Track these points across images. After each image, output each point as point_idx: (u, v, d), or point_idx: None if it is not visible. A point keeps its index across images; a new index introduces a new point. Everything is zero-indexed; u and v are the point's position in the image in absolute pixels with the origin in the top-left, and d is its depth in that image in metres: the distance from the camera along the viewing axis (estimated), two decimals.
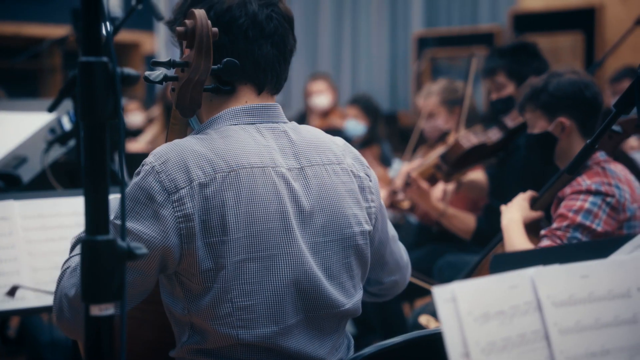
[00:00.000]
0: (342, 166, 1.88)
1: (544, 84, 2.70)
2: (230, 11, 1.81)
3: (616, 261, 1.35)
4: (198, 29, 1.68)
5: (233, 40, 1.81)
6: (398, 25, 13.43)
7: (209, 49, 1.69)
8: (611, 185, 2.50)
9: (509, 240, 2.53)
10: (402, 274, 2.15)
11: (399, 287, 2.16)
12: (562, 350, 1.26)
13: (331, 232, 1.83)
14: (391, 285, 2.13)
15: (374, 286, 2.12)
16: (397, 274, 2.12)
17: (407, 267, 2.16)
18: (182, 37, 1.71)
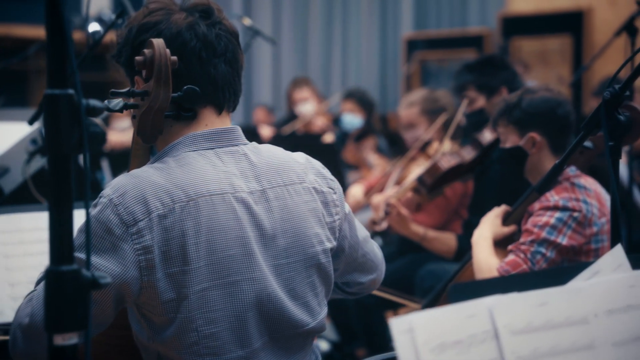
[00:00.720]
0: (304, 185, 1.90)
1: (518, 100, 2.75)
2: (180, 35, 1.80)
3: (574, 288, 1.38)
4: (157, 58, 1.68)
5: (187, 64, 1.81)
6: (388, 28, 13.47)
7: (167, 77, 1.70)
8: (579, 200, 2.55)
9: (476, 257, 2.57)
10: (379, 271, 2.17)
11: (377, 282, 2.20)
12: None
13: (294, 253, 1.85)
14: (370, 283, 2.15)
15: (354, 287, 2.14)
16: (375, 273, 2.15)
17: (382, 262, 2.18)
18: (141, 66, 1.72)
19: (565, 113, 2.72)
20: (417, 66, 12.75)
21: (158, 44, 1.69)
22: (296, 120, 6.94)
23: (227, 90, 1.87)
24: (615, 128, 1.83)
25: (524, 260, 2.49)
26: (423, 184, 3.53)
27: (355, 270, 2.08)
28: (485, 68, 3.61)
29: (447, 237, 3.67)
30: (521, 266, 2.47)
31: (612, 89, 1.82)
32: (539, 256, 2.49)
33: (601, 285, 1.41)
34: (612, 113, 1.83)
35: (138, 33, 1.84)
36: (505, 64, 3.68)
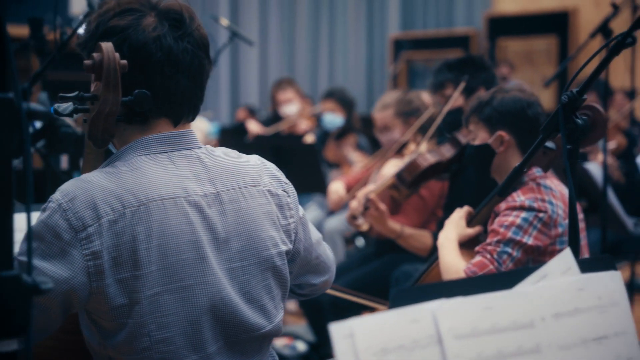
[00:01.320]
0: (259, 188, 1.89)
1: (490, 99, 2.76)
2: (146, 47, 1.78)
3: (521, 292, 1.38)
4: (105, 62, 1.67)
5: (149, 77, 1.78)
6: (374, 28, 13.48)
7: (117, 81, 1.69)
8: (544, 201, 2.56)
9: (442, 259, 2.57)
10: (331, 272, 2.18)
11: (329, 284, 2.20)
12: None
13: (248, 256, 1.84)
14: (322, 284, 2.15)
15: (306, 289, 2.14)
16: (327, 274, 2.16)
17: (333, 264, 2.19)
18: (89, 70, 1.70)
19: (535, 114, 2.73)
20: (403, 66, 12.76)
21: (107, 47, 1.68)
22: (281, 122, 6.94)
23: (185, 106, 1.86)
24: (572, 131, 1.83)
25: (491, 261, 2.49)
26: (402, 180, 3.52)
27: (308, 272, 2.08)
28: (466, 67, 3.61)
29: (423, 234, 3.67)
30: (488, 267, 2.48)
31: (569, 93, 1.82)
32: (506, 256, 2.50)
33: (549, 288, 1.41)
34: (569, 116, 1.83)
35: (104, 34, 1.80)
36: (486, 65, 3.68)
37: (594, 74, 1.87)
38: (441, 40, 12.68)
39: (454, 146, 3.49)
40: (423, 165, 3.43)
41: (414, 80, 13.11)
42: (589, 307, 1.45)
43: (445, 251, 2.59)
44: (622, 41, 1.80)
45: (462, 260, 2.54)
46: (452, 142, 3.51)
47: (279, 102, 7.00)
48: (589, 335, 1.43)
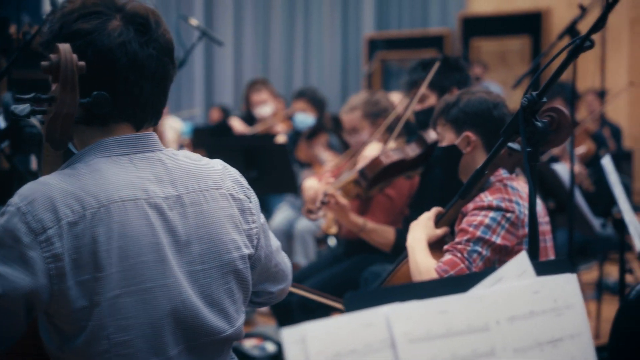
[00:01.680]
0: (221, 191, 1.89)
1: (456, 100, 2.79)
2: (111, 53, 1.76)
3: (476, 295, 1.38)
4: (62, 63, 1.65)
5: (112, 82, 1.77)
6: (349, 28, 13.48)
7: (74, 83, 1.67)
8: (512, 201, 2.58)
9: (413, 259, 2.58)
10: (288, 281, 2.18)
11: (286, 292, 2.20)
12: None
13: (210, 259, 1.84)
14: (279, 292, 2.16)
15: (263, 297, 2.14)
16: (285, 282, 2.16)
17: (290, 272, 2.19)
18: (46, 71, 1.69)
19: (501, 115, 2.75)
20: (378, 66, 12.78)
21: (64, 48, 1.66)
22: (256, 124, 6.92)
23: (149, 111, 1.85)
24: (532, 134, 1.84)
25: (462, 259, 2.50)
26: (364, 176, 3.53)
27: (267, 280, 2.08)
28: (440, 67, 3.62)
29: (386, 229, 3.67)
30: (459, 265, 2.49)
31: (529, 96, 1.83)
32: (475, 255, 2.52)
33: (504, 292, 1.41)
34: (529, 119, 1.84)
35: (69, 37, 1.78)
36: (460, 65, 3.69)
37: (553, 78, 1.88)
38: (415, 40, 12.71)
39: (419, 145, 3.50)
40: (385, 163, 3.44)
41: (389, 80, 13.13)
42: (544, 309, 1.45)
43: (416, 251, 2.60)
44: (580, 45, 1.81)
45: (433, 259, 2.55)
46: (418, 142, 3.52)
47: (253, 103, 6.98)
48: (544, 338, 1.43)
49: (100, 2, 1.82)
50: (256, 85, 7.06)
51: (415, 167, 3.55)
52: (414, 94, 3.65)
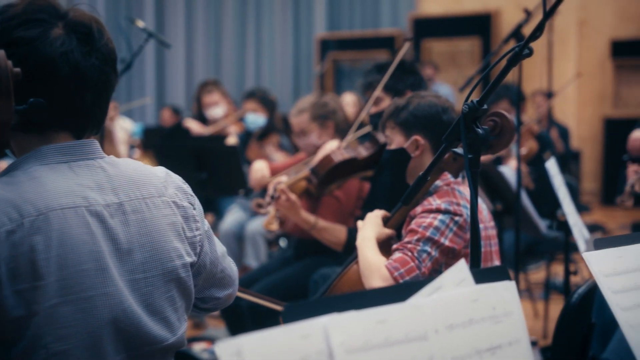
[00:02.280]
0: (163, 199, 1.87)
1: (406, 104, 2.80)
2: (52, 62, 1.73)
3: (414, 304, 1.38)
4: None
5: (53, 91, 1.75)
6: (301, 28, 13.49)
7: (9, 90, 1.64)
8: (459, 205, 2.60)
9: (362, 257, 2.59)
10: (235, 286, 2.17)
11: (232, 297, 2.18)
12: None
13: (152, 268, 1.82)
14: (226, 298, 2.14)
15: (210, 303, 2.13)
16: (231, 288, 2.15)
17: (237, 277, 2.18)
18: None
19: (450, 119, 2.77)
20: (330, 66, 12.80)
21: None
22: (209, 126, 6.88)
23: (89, 120, 1.83)
24: (473, 141, 1.85)
25: (412, 258, 2.52)
26: (315, 174, 3.51)
27: (213, 286, 2.07)
28: (395, 70, 3.62)
29: (338, 228, 3.65)
30: (409, 263, 2.50)
31: (470, 103, 1.84)
32: (425, 254, 2.53)
33: (443, 300, 1.42)
34: (470, 126, 1.85)
35: (9, 43, 1.74)
36: (414, 69, 3.70)
37: (493, 85, 1.89)
38: (367, 40, 12.77)
39: (372, 145, 3.50)
40: (336, 160, 3.43)
41: (341, 80, 13.17)
42: (483, 317, 1.46)
43: (365, 249, 2.61)
44: (519, 52, 1.82)
45: (383, 257, 2.56)
46: (371, 141, 3.53)
47: (205, 104, 6.93)
48: (483, 346, 1.44)
49: (43, 9, 1.79)
50: (207, 86, 7.02)
51: (367, 167, 3.55)
52: (370, 96, 3.66)
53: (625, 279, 1.85)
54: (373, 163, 3.55)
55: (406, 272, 2.49)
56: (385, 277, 2.48)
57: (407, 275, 2.49)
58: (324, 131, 4.18)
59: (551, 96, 7.11)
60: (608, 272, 1.84)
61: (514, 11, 11.65)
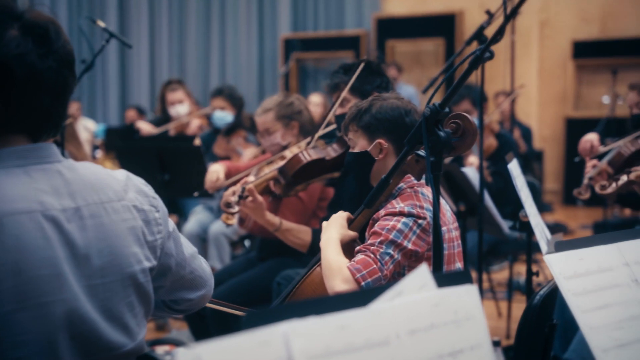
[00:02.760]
0: (123, 203, 1.85)
1: (369, 106, 2.78)
2: (6, 64, 1.70)
3: (376, 310, 1.38)
4: None
5: (8, 94, 1.72)
6: (265, 28, 13.46)
7: None
8: (423, 208, 2.59)
9: (325, 258, 2.57)
10: (208, 286, 2.15)
11: (207, 298, 2.17)
12: None
13: (110, 273, 1.80)
14: (199, 299, 2.13)
15: (183, 304, 2.12)
16: (204, 289, 2.13)
17: (210, 277, 2.16)
18: None
19: (413, 121, 2.75)
20: (294, 66, 12.78)
21: None
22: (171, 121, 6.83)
23: (47, 123, 1.80)
24: (435, 144, 1.84)
25: (374, 260, 2.50)
26: (283, 174, 3.47)
27: (183, 288, 2.06)
28: (361, 71, 3.60)
29: (303, 229, 3.59)
30: (372, 265, 2.49)
31: (432, 107, 1.84)
32: (387, 257, 2.52)
33: (404, 305, 1.41)
34: (432, 129, 1.84)
35: None
36: (381, 70, 3.67)
37: (454, 88, 1.89)
38: (331, 40, 12.77)
39: (340, 146, 3.49)
40: (304, 161, 3.40)
41: (305, 80, 13.16)
42: (445, 322, 1.45)
43: (328, 250, 2.59)
44: (480, 56, 1.82)
45: (345, 258, 2.55)
46: (339, 142, 3.51)
47: (169, 103, 6.88)
48: (444, 350, 1.44)
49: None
50: (172, 84, 6.97)
51: (335, 168, 3.53)
52: (336, 97, 3.63)
53: (585, 281, 1.86)
54: (341, 164, 3.53)
55: (368, 274, 2.48)
56: (347, 279, 2.47)
57: (369, 278, 2.48)
58: (288, 131, 4.16)
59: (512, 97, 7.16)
60: (569, 275, 1.85)
61: (478, 12, 11.72)
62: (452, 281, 1.52)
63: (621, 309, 1.87)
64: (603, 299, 1.86)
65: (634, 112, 4.24)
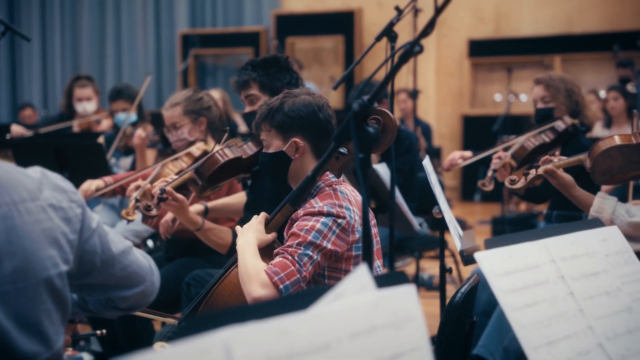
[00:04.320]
0: (37, 203, 1.73)
1: (280, 104, 2.70)
2: None
3: (317, 314, 1.31)
4: None
5: None
6: (162, 24, 13.25)
7: None
8: (342, 207, 2.54)
9: (242, 262, 2.50)
10: (148, 282, 2.04)
11: (148, 294, 2.07)
12: None
13: (23, 278, 1.68)
14: (138, 296, 2.02)
15: (121, 303, 2.02)
16: (141, 285, 2.02)
17: (150, 272, 2.06)
18: None
19: (326, 117, 2.70)
20: (192, 62, 12.61)
21: None
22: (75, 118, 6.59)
23: None
24: (364, 139, 1.78)
25: (292, 262, 2.44)
26: (200, 175, 3.35)
27: (116, 286, 1.95)
28: (271, 68, 3.50)
29: (224, 229, 3.46)
30: (290, 267, 2.43)
31: (360, 101, 1.78)
32: (306, 258, 2.46)
33: (344, 308, 1.36)
34: (361, 125, 1.79)
35: None
36: (290, 66, 3.59)
37: (384, 82, 1.84)
38: (230, 37, 12.65)
39: (256, 145, 3.40)
40: (221, 161, 3.30)
41: (204, 77, 13.01)
42: (385, 324, 1.40)
43: (245, 254, 2.52)
44: (410, 49, 1.78)
45: (262, 262, 2.48)
46: (254, 141, 3.42)
47: (76, 99, 6.64)
48: (385, 354, 1.39)
49: None
50: (81, 80, 6.73)
51: (250, 166, 3.44)
52: (245, 94, 3.53)
53: (515, 278, 1.84)
54: (256, 163, 3.45)
55: (286, 277, 2.42)
56: (264, 283, 2.40)
57: (287, 280, 2.41)
58: (196, 127, 4.06)
59: (416, 95, 7.20)
60: (499, 273, 1.83)
61: (375, 9, 11.82)
62: (391, 281, 1.47)
63: (549, 306, 1.86)
64: (532, 296, 1.84)
65: (539, 106, 4.31)
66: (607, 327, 1.93)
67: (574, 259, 1.99)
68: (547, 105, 4.31)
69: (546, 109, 4.30)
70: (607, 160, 3.15)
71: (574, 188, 3.21)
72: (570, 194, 3.22)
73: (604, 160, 3.16)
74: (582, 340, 1.86)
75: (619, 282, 2.05)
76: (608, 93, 7.73)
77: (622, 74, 9.90)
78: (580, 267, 1.99)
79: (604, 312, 1.95)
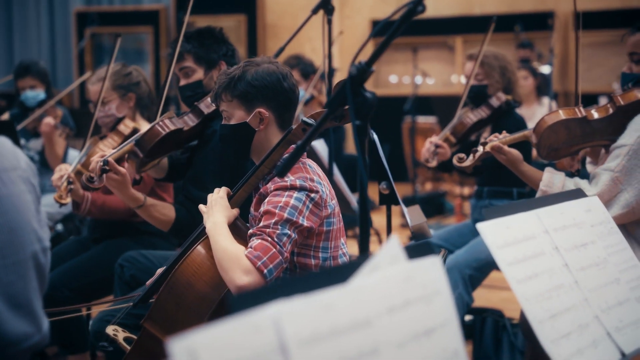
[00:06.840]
0: (19, 172, 1.59)
1: (242, 73, 2.56)
2: None
3: (357, 287, 1.23)
4: None
5: None
6: (55, 2, 12.77)
7: None
8: (314, 181, 2.43)
9: (217, 245, 2.36)
10: None
11: None
12: None
13: (12, 253, 1.54)
14: None
15: None
16: None
17: None
18: None
19: (291, 86, 2.58)
20: (89, 41, 12.21)
21: None
22: None
23: None
24: (361, 106, 1.69)
25: (272, 244, 2.32)
26: (141, 148, 3.16)
27: None
28: (205, 39, 3.37)
29: (166, 206, 3.26)
30: (271, 250, 2.30)
31: (358, 65, 1.69)
32: (285, 238, 2.34)
33: (379, 281, 1.27)
34: (357, 90, 1.70)
35: None
36: (225, 38, 3.45)
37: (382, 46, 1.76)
38: (129, 15, 12.33)
39: (196, 116, 3.25)
40: (162, 132, 3.13)
41: (101, 55, 12.62)
42: (417, 297, 1.33)
43: (219, 238, 2.37)
44: (413, 9, 1.70)
45: (240, 245, 2.35)
46: (194, 112, 3.26)
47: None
48: (420, 329, 1.31)
49: None
50: None
51: (190, 139, 3.30)
52: (179, 67, 3.38)
53: (515, 250, 1.80)
54: (197, 134, 3.30)
55: (269, 260, 2.30)
56: (247, 269, 2.27)
57: (271, 264, 2.29)
58: (124, 103, 3.89)
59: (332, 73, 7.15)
60: (500, 244, 1.78)
61: None
62: (421, 252, 1.39)
63: (548, 278, 1.82)
64: (532, 268, 1.80)
65: (473, 83, 4.30)
66: (600, 299, 1.91)
67: (565, 229, 1.96)
68: (480, 82, 4.31)
69: (480, 86, 4.30)
70: (552, 135, 3.15)
71: (522, 163, 3.20)
72: (518, 169, 3.21)
73: (549, 136, 3.16)
74: (580, 312, 1.83)
75: (605, 253, 2.03)
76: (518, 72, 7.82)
77: (522, 55, 10.07)
78: (571, 237, 1.96)
79: (596, 283, 1.93)
